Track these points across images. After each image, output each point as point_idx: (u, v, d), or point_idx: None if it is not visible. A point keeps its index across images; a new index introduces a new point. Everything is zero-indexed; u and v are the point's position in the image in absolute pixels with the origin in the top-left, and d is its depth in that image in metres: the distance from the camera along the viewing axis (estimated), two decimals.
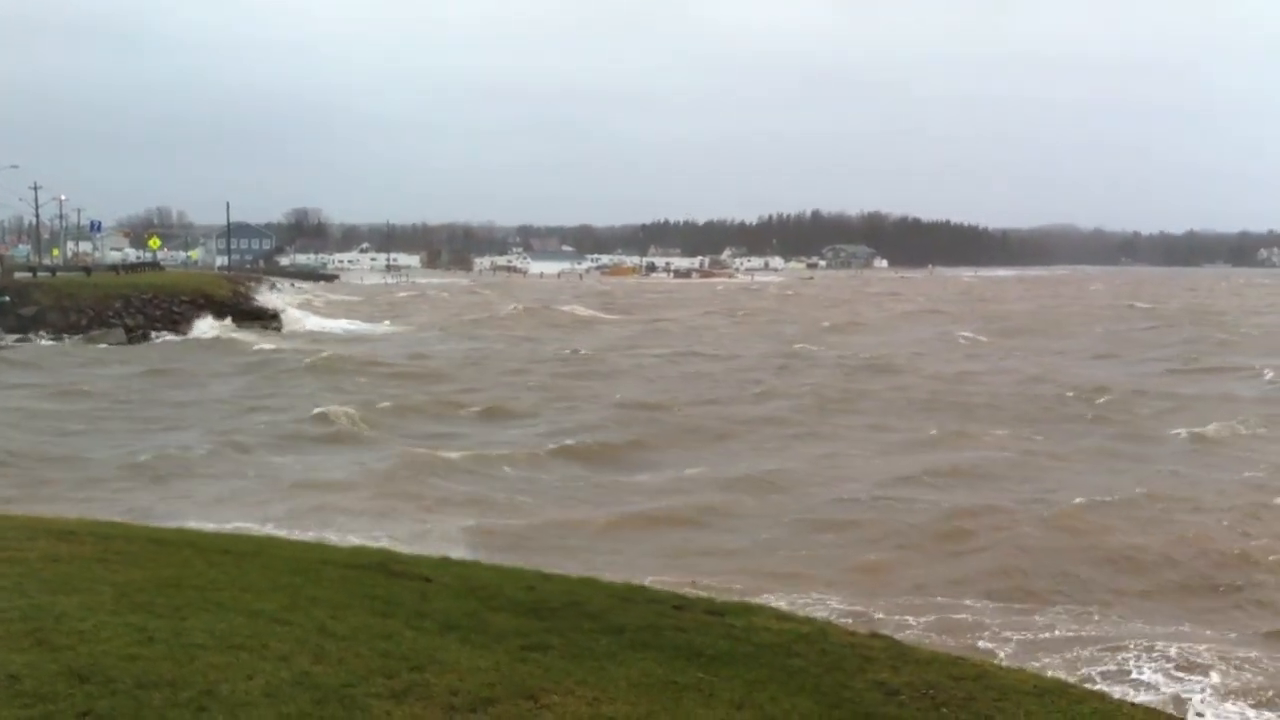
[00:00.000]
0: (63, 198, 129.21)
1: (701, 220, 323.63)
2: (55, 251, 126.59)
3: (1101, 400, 36.57)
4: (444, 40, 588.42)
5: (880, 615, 15.09)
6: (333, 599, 7.95)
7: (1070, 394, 38.12)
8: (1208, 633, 15.03)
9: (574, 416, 33.22)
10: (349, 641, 6.63)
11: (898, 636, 9.76)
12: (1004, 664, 10.56)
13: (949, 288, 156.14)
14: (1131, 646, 14.08)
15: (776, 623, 8.41)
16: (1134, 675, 13.17)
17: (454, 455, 26.68)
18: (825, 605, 15.34)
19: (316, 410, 32.30)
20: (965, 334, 67.68)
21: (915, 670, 7.19)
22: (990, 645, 14.06)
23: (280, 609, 7.37)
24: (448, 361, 49.92)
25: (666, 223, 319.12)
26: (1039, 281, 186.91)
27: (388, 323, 76.74)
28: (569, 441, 28.48)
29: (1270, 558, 18.20)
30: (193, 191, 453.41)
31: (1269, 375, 43.73)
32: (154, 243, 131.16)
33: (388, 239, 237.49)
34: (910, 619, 15.12)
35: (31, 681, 5.34)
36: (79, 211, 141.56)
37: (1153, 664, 13.51)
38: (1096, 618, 15.64)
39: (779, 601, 13.85)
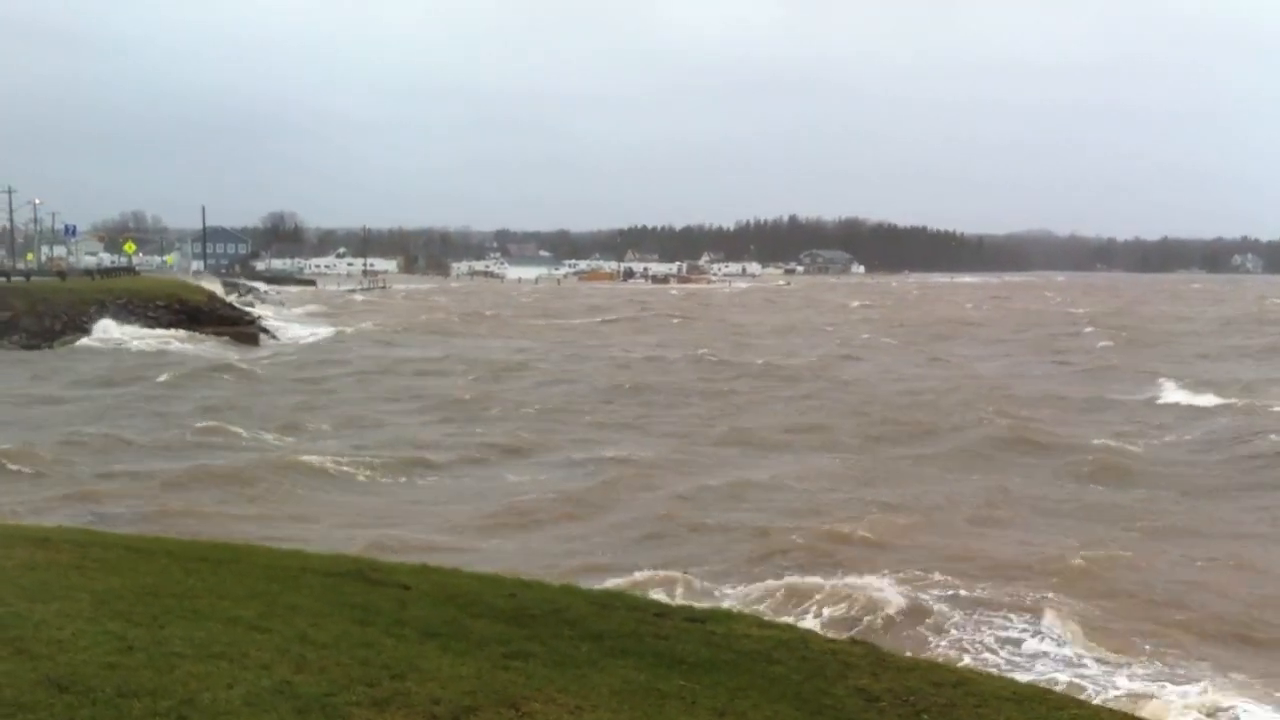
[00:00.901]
0: (37, 201, 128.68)
1: (679, 226, 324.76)
2: (29, 256, 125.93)
3: (959, 408, 36.37)
4: (418, 45, 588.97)
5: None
6: (311, 607, 7.91)
7: (962, 400, 38.63)
8: None
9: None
10: (329, 650, 6.60)
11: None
12: (984, 670, 10.60)
13: (910, 293, 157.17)
14: None
15: (757, 629, 8.43)
16: None
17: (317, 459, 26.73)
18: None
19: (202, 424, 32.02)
20: (889, 340, 68.26)
21: (895, 677, 7.21)
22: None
23: (258, 617, 7.34)
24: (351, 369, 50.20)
25: (644, 228, 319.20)
26: (1002, 287, 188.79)
27: (343, 328, 76.73)
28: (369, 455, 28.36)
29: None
30: (168, 196, 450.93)
31: (1162, 382, 43.91)
32: (129, 247, 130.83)
33: (364, 244, 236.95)
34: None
35: (11, 690, 5.29)
36: (53, 215, 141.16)
37: None
38: None
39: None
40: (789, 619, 13.09)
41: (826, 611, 15.95)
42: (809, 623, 14.75)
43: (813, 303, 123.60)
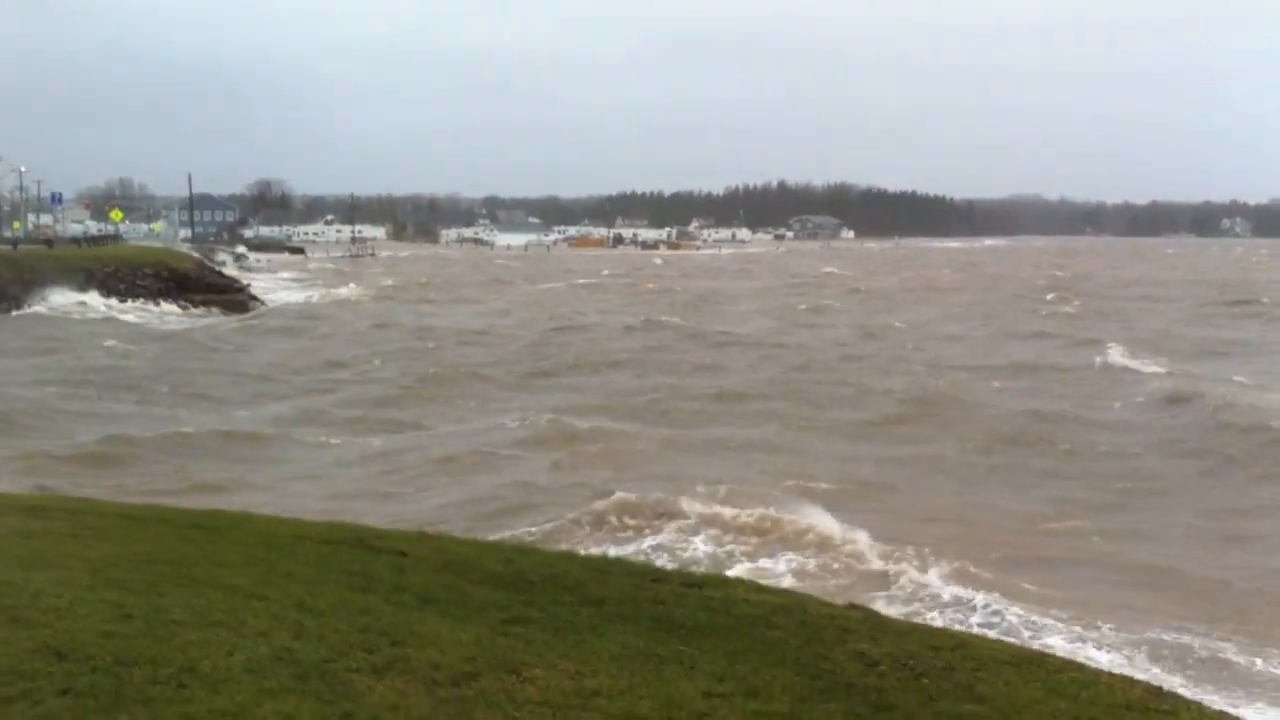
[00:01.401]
0: (22, 169, 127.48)
1: (668, 191, 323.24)
2: (16, 224, 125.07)
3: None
4: (406, 10, 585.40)
5: None
6: (309, 574, 7.90)
7: (905, 369, 39.03)
8: None
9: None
10: (327, 617, 6.59)
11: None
12: (982, 635, 10.66)
13: (888, 259, 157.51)
14: None
15: (754, 594, 8.44)
16: None
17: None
18: None
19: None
20: (854, 307, 68.52)
21: (894, 641, 7.23)
22: None
23: (256, 584, 7.32)
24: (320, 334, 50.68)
25: (633, 194, 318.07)
26: (982, 251, 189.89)
27: (324, 293, 77.76)
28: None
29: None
30: (154, 163, 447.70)
31: (1110, 346, 44.06)
32: (116, 215, 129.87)
33: (352, 211, 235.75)
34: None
35: (8, 659, 5.26)
36: (39, 183, 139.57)
37: None
38: None
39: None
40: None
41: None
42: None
43: (788, 269, 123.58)
